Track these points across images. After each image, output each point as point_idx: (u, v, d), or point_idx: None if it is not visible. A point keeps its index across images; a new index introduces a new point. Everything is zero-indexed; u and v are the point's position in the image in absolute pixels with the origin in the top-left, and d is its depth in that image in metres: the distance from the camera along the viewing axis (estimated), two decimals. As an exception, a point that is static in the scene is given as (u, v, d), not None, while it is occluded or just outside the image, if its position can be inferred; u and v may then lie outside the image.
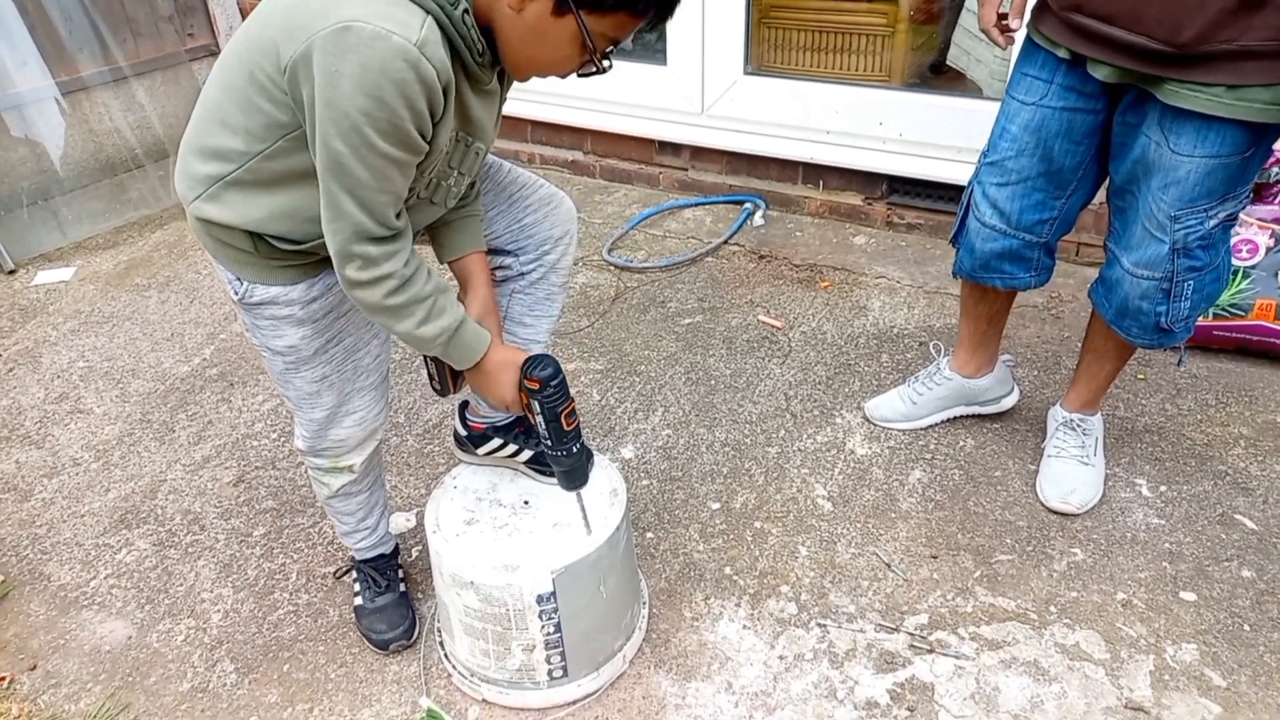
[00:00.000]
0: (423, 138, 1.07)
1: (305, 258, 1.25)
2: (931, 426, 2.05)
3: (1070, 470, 1.82)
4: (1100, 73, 1.46)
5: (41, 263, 3.07)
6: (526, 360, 1.31)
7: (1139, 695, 1.47)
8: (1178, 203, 1.45)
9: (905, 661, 1.54)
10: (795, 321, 2.51)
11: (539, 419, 1.33)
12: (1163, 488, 1.87)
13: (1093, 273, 2.60)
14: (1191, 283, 1.53)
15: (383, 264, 1.12)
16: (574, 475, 1.40)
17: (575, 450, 1.37)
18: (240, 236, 1.20)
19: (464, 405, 1.60)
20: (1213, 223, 1.47)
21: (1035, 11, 1.56)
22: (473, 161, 1.24)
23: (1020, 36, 1.63)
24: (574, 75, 1.15)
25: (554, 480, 1.49)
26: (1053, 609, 1.62)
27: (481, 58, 1.10)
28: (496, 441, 1.54)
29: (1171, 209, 1.46)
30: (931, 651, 1.56)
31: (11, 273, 3.00)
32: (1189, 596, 1.63)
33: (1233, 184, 1.44)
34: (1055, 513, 1.80)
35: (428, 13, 1.01)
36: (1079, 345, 2.30)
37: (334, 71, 0.98)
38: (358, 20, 0.97)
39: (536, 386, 1.30)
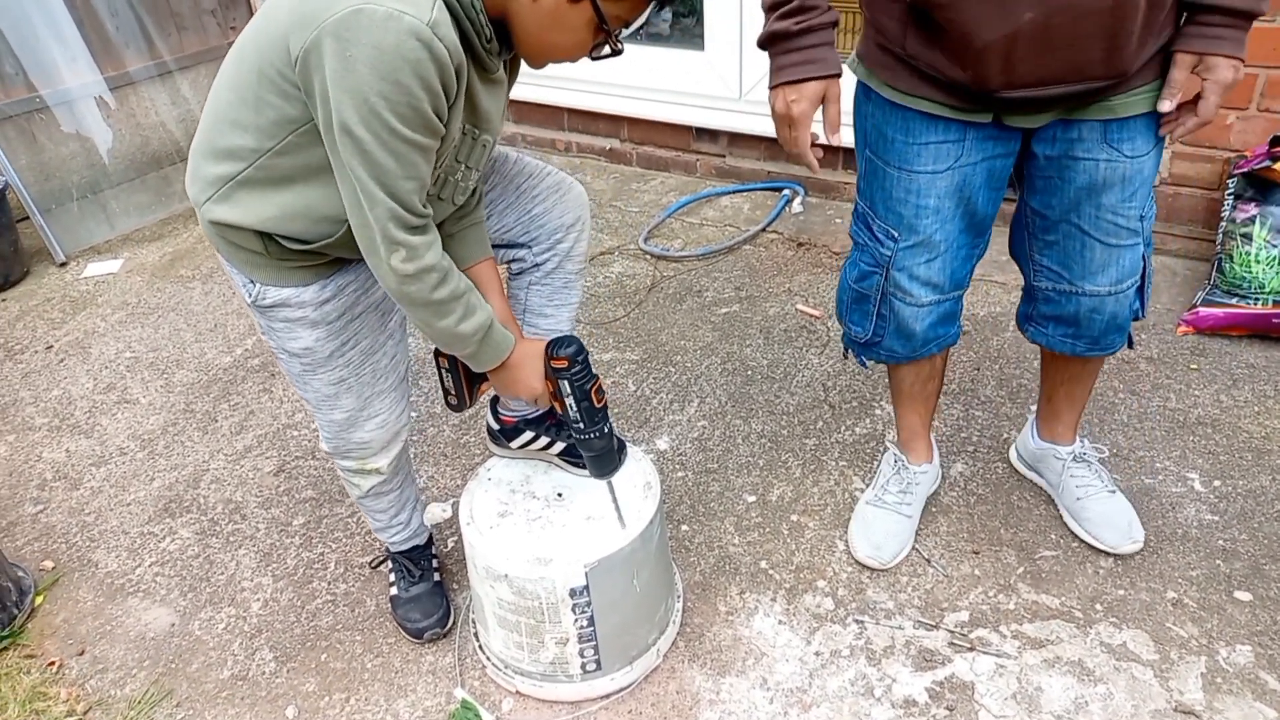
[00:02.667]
0: (439, 120, 1.06)
1: (316, 258, 1.24)
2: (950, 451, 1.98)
3: (1111, 507, 1.69)
4: (1031, 122, 1.34)
5: (91, 255, 3.15)
6: (549, 344, 1.30)
7: (1189, 698, 1.42)
8: (1145, 200, 1.41)
9: (945, 659, 1.51)
10: (834, 311, 2.46)
11: (569, 400, 1.32)
12: (1216, 482, 1.80)
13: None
14: (1150, 265, 1.48)
15: (425, 255, 1.12)
16: (605, 460, 1.39)
17: (606, 431, 1.35)
18: (251, 238, 1.20)
19: (496, 399, 1.59)
20: (1152, 203, 1.44)
21: (920, 85, 1.35)
22: (480, 155, 1.23)
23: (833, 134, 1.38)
24: (587, 59, 1.16)
25: (587, 473, 1.49)
26: (1098, 607, 1.57)
27: (489, 44, 1.10)
28: (529, 434, 1.53)
29: (1139, 210, 1.40)
30: (972, 649, 1.52)
31: (63, 265, 3.08)
32: (1244, 596, 1.57)
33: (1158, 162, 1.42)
34: (1123, 556, 1.66)
35: None
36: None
37: (348, 56, 0.97)
38: (369, 3, 0.97)
39: (564, 365, 1.28)
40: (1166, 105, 1.30)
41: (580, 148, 3.57)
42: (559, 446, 1.53)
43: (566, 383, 1.30)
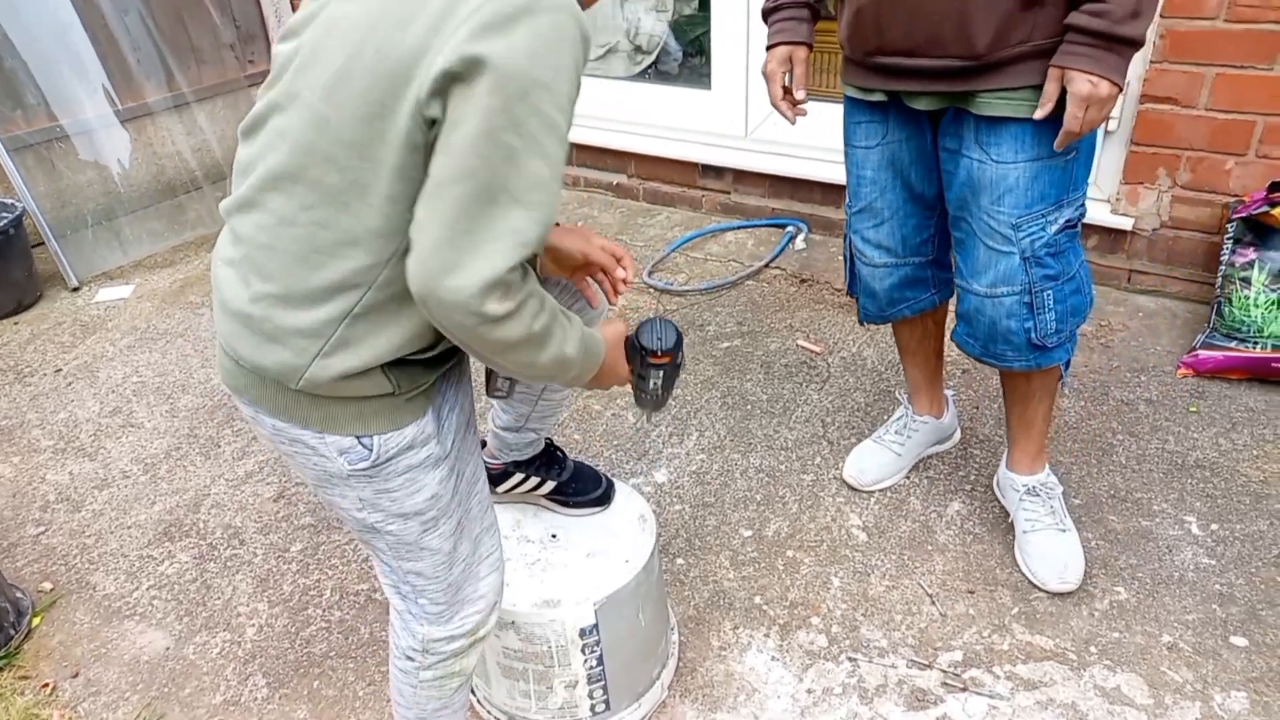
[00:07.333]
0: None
1: (433, 370, 1.04)
2: (914, 468, 2.01)
3: (1053, 544, 1.70)
4: (920, 103, 1.49)
5: (103, 280, 3.19)
6: (638, 332, 1.16)
7: (1185, 744, 1.40)
8: (1015, 210, 1.45)
9: (937, 699, 1.50)
10: (835, 347, 2.48)
11: (654, 383, 1.22)
12: (1214, 526, 1.80)
13: (1145, 301, 2.54)
14: (1051, 293, 1.50)
15: (523, 285, 0.89)
16: (658, 409, 1.30)
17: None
18: (375, 379, 0.97)
19: (481, 444, 1.57)
20: (1054, 229, 1.47)
21: (844, 71, 1.61)
22: None
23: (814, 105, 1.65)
24: None
25: (578, 511, 1.50)
26: (1093, 649, 1.56)
27: None
28: (518, 477, 1.52)
29: (1011, 218, 1.45)
30: (965, 690, 1.51)
31: (75, 289, 3.13)
32: (1240, 641, 1.56)
33: (1063, 188, 1.45)
34: (1052, 594, 1.67)
35: None
36: (1128, 375, 2.24)
37: (504, 49, 0.82)
38: None
39: (668, 360, 1.18)
40: (1038, 113, 1.37)
41: (588, 182, 3.62)
42: (548, 486, 1.52)
43: (661, 371, 1.19)
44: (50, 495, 2.15)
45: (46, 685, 1.65)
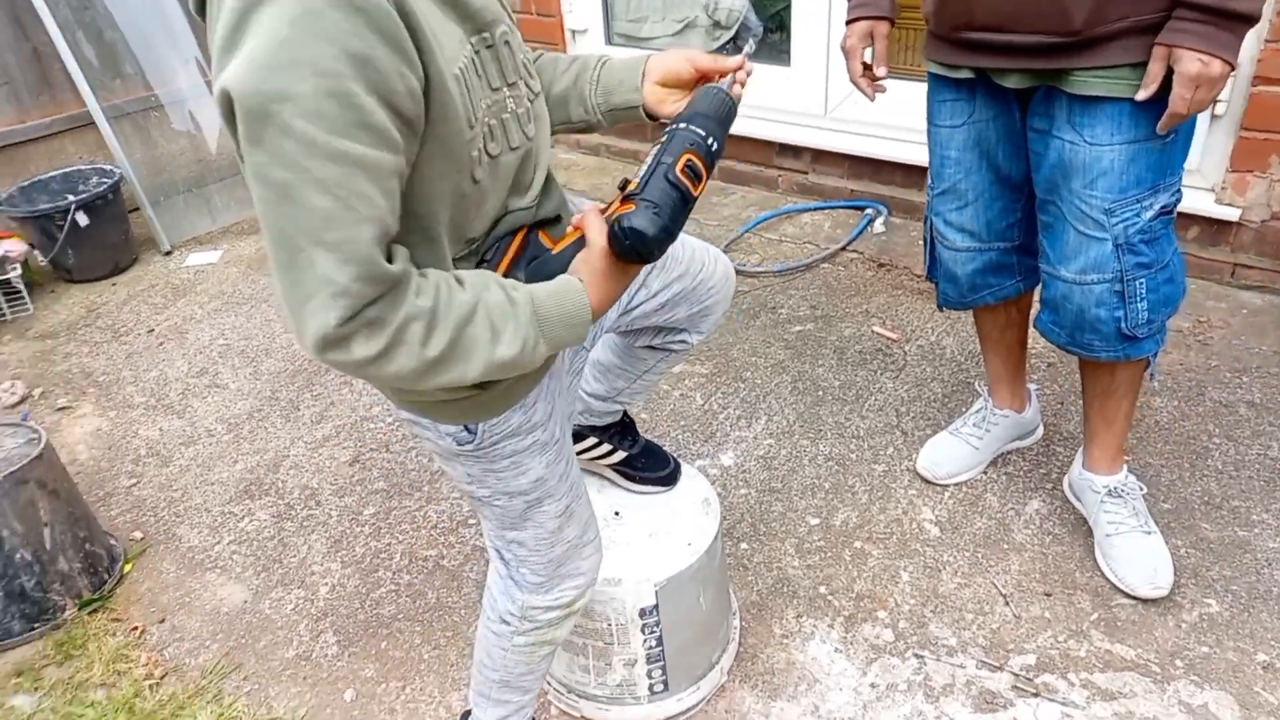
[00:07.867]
0: (402, 114, 0.73)
1: None
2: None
3: (1139, 547, 1.62)
4: (1009, 80, 1.43)
5: (193, 245, 3.32)
6: (611, 243, 0.89)
7: (1274, 768, 1.33)
8: (1109, 194, 1.38)
9: (1007, 703, 1.46)
10: (912, 334, 2.41)
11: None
12: (1318, 540, 1.69)
13: (1250, 297, 2.40)
14: (1144, 281, 1.42)
15: (392, 316, 0.77)
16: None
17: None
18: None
19: None
20: (1149, 214, 1.38)
21: (928, 47, 1.54)
22: (514, 60, 0.88)
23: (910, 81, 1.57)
24: None
25: (643, 489, 1.49)
26: (1178, 663, 1.49)
27: None
28: (591, 440, 1.52)
29: (1105, 202, 1.38)
30: (1036, 695, 1.46)
31: (168, 254, 3.26)
32: (1342, 664, 1.47)
33: (1160, 172, 1.37)
34: (1143, 600, 1.59)
35: None
36: (1228, 375, 2.12)
37: (234, 69, 0.69)
38: None
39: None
40: (1141, 95, 1.30)
41: (663, 160, 3.58)
42: (618, 456, 1.52)
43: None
44: (142, 449, 2.25)
45: (136, 628, 1.74)
